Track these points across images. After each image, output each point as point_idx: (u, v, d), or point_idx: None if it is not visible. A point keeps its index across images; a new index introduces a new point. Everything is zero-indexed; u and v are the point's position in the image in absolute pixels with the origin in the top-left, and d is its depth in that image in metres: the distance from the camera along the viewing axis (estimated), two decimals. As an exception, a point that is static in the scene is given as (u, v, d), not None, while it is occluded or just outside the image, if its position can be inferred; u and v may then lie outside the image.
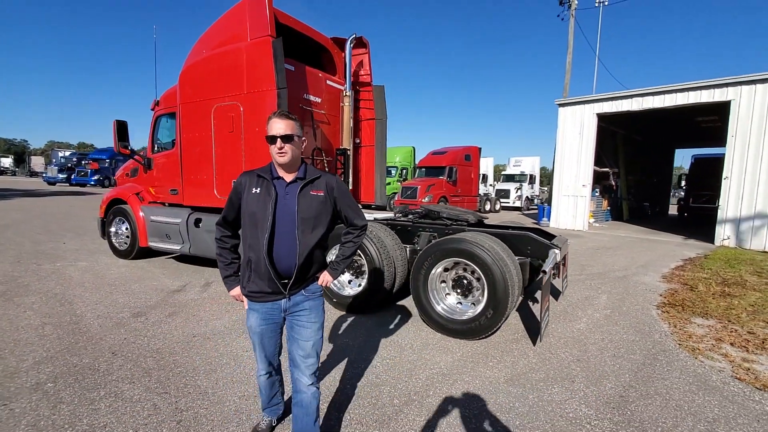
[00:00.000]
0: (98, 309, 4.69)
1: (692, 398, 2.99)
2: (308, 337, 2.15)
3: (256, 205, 2.09)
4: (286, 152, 2.05)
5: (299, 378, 2.15)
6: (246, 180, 2.16)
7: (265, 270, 2.06)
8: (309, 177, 2.13)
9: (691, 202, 19.71)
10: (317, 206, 2.11)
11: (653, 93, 12.50)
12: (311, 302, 2.19)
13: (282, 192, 2.09)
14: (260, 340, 2.23)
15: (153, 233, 6.83)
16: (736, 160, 11.13)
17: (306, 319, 2.16)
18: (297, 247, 2.06)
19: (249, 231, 2.12)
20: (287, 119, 2.07)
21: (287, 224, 2.06)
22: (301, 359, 2.14)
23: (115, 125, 6.63)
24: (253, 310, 2.20)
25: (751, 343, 4.09)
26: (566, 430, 2.57)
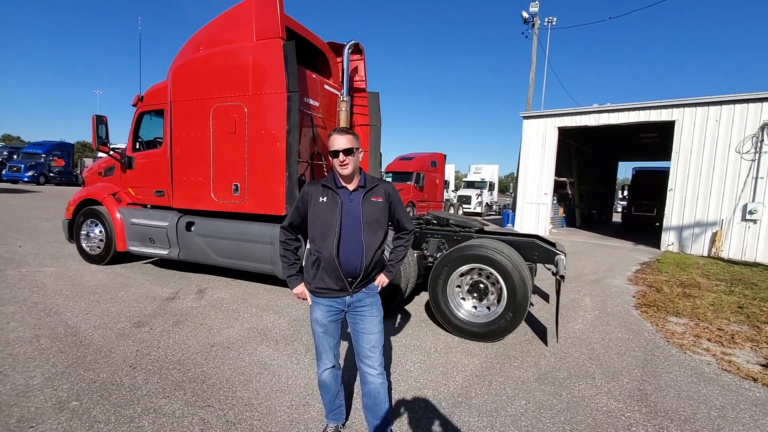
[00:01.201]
0: (91, 319, 4.35)
1: (697, 389, 3.36)
2: (372, 329, 2.33)
3: (325, 213, 2.27)
4: (348, 164, 2.23)
5: (367, 370, 2.33)
6: (312, 190, 2.34)
7: (333, 269, 2.24)
8: (369, 185, 2.31)
9: (633, 211, 21.58)
10: (378, 211, 2.30)
11: (609, 110, 13.61)
12: (371, 299, 2.38)
13: (347, 199, 2.27)
14: (325, 330, 2.38)
15: (133, 237, 6.41)
16: (679, 174, 12.39)
17: (369, 313, 2.34)
18: (363, 249, 2.25)
19: (318, 235, 2.29)
20: (347, 134, 2.26)
21: (353, 228, 2.24)
22: (368, 351, 2.32)
23: (94, 120, 6.17)
24: (319, 304, 2.36)
25: (723, 338, 4.63)
26: (606, 422, 2.80)
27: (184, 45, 6.08)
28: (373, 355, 2.31)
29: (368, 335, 2.32)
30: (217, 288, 5.78)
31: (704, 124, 11.93)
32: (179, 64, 5.80)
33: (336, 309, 2.35)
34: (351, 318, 2.38)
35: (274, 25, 5.12)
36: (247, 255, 5.45)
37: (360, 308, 2.34)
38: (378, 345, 2.33)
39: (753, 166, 11.21)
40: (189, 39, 6.05)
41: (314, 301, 2.37)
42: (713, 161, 11.80)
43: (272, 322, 4.53)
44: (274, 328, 4.35)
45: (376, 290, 2.42)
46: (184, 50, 6.04)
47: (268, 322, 4.51)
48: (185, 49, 6.04)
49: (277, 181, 5.15)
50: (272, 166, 5.17)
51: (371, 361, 2.31)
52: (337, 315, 2.37)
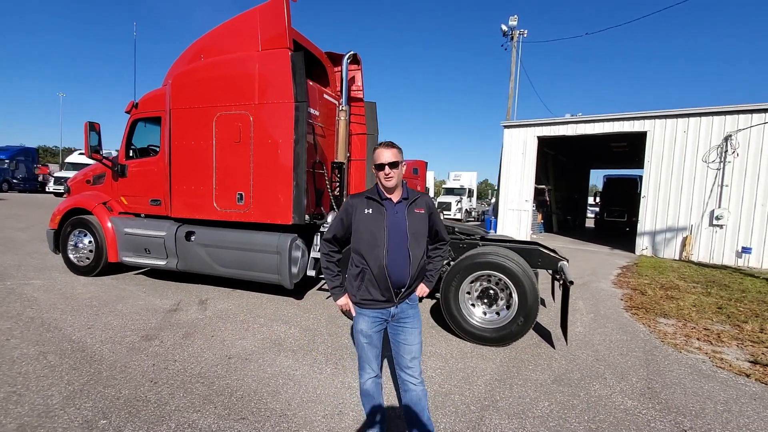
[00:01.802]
0: (95, 333, 4.21)
1: (700, 385, 3.60)
2: (413, 341, 2.39)
3: (371, 224, 2.32)
4: (393, 177, 2.30)
5: (409, 378, 2.38)
6: (356, 202, 2.41)
7: (382, 280, 2.30)
8: (412, 197, 2.39)
9: (605, 217, 22.51)
10: (421, 223, 2.38)
11: (586, 121, 14.25)
12: (413, 310, 2.44)
13: (392, 211, 2.33)
14: (370, 341, 2.41)
15: (127, 247, 6.22)
16: (652, 182, 13.09)
17: (410, 325, 2.40)
18: (410, 259, 2.31)
19: (365, 246, 2.33)
20: (392, 148, 2.34)
21: (399, 240, 2.30)
22: (408, 361, 2.38)
23: (86, 127, 5.98)
24: (363, 315, 2.41)
25: (710, 337, 4.95)
26: (627, 420, 2.96)
27: (183, 53, 6.02)
28: (413, 366, 2.37)
29: (409, 346, 2.38)
30: (218, 299, 5.69)
31: (674, 135, 12.67)
32: (180, 71, 5.72)
33: (380, 320, 2.40)
34: (392, 329, 2.43)
35: (281, 35, 5.15)
36: (252, 264, 5.40)
37: (403, 319, 2.40)
38: (418, 355, 2.40)
39: (718, 174, 11.97)
40: (188, 47, 5.99)
41: (359, 312, 2.42)
42: (682, 170, 12.54)
43: (284, 332, 4.51)
44: (288, 338, 4.33)
45: (417, 301, 2.47)
46: (183, 58, 5.97)
47: (281, 332, 4.48)
48: (184, 57, 5.97)
49: (284, 190, 5.15)
50: (279, 175, 5.16)
51: (412, 371, 2.37)
52: (381, 325, 2.42)
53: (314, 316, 5.09)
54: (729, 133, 11.78)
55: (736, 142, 11.63)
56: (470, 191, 27.29)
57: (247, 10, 5.49)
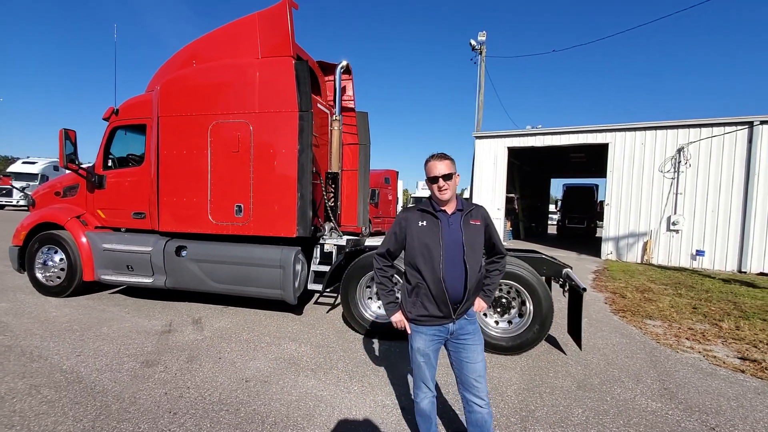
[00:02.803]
0: (87, 361, 3.82)
1: (708, 383, 3.81)
2: (477, 358, 2.30)
3: (426, 237, 2.27)
4: (447, 189, 2.25)
5: (474, 400, 2.29)
6: (409, 215, 2.37)
7: (439, 295, 2.24)
8: (467, 208, 2.33)
9: (567, 223, 23.67)
10: (477, 234, 2.32)
11: (553, 133, 14.96)
12: (472, 326, 2.36)
13: (447, 223, 2.28)
14: (427, 360, 2.35)
15: (106, 264, 5.74)
16: (614, 190, 13.92)
17: (471, 341, 2.32)
18: (466, 273, 2.23)
19: (420, 260, 2.28)
20: (445, 159, 2.29)
21: (455, 252, 2.24)
22: (474, 381, 2.28)
23: (61, 135, 5.49)
24: (420, 333, 2.34)
25: (697, 336, 5.27)
26: (658, 421, 3.07)
27: (171, 58, 5.72)
28: (479, 385, 2.27)
29: (473, 364, 2.29)
30: (212, 317, 5.36)
31: (633, 146, 13.59)
32: (171, 77, 5.41)
33: (438, 337, 2.32)
34: (453, 347, 2.34)
35: (284, 43, 5.01)
36: (251, 280, 5.14)
37: (462, 336, 2.32)
38: (483, 374, 2.30)
39: (673, 183, 12.95)
40: (177, 52, 5.70)
41: (415, 330, 2.35)
42: (641, 179, 13.44)
43: (295, 350, 4.31)
44: (302, 356, 4.14)
45: (475, 317, 2.41)
46: (172, 63, 5.67)
47: (292, 351, 4.28)
48: (173, 62, 5.67)
49: (288, 201, 4.98)
50: (282, 186, 4.99)
51: (478, 390, 2.27)
52: (439, 343, 2.35)
53: (321, 332, 4.92)
54: (681, 145, 12.79)
55: (688, 153, 12.65)
56: (438, 200, 27.77)
57: (245, 16, 5.30)
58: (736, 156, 12.08)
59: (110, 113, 5.90)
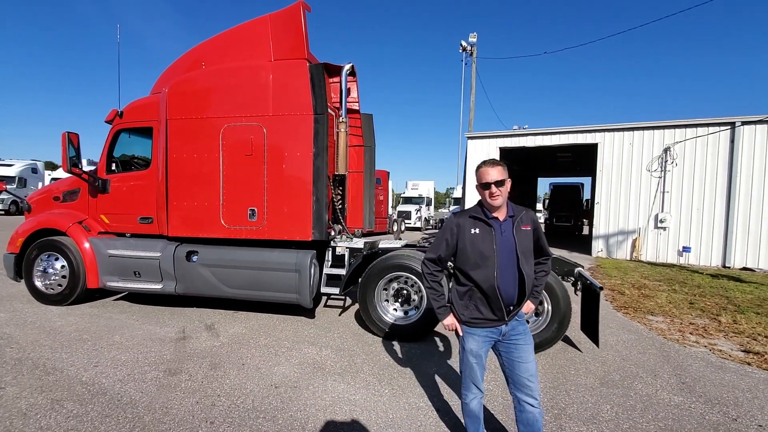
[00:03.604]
0: (108, 372, 3.73)
1: (721, 376, 3.97)
2: (529, 358, 2.34)
3: (480, 244, 2.31)
4: (499, 196, 2.28)
5: (526, 399, 2.33)
6: (462, 222, 2.40)
7: (494, 300, 2.28)
8: (517, 214, 2.36)
9: (554, 222, 24.12)
10: (528, 240, 2.36)
11: (544, 133, 15.24)
12: (523, 326, 2.41)
13: (499, 231, 2.31)
14: (479, 361, 2.40)
15: (112, 271, 5.60)
16: (603, 189, 14.27)
17: (523, 341, 2.37)
18: (521, 277, 2.28)
19: (473, 266, 2.32)
20: (497, 165, 2.32)
21: (509, 258, 2.28)
22: (526, 380, 2.32)
23: (64, 138, 5.32)
24: (473, 335, 2.39)
25: (699, 331, 5.47)
26: (685, 415, 3.19)
27: (178, 60, 5.62)
28: (531, 384, 2.30)
29: (526, 364, 2.32)
30: (225, 322, 5.29)
31: (621, 146, 13.94)
32: (180, 79, 5.31)
33: (490, 339, 2.38)
34: (504, 348, 2.39)
35: (298, 45, 4.98)
36: (266, 284, 5.09)
37: (514, 336, 2.37)
38: (536, 373, 2.34)
39: (660, 182, 13.34)
40: (185, 53, 5.61)
41: (468, 332, 2.39)
42: (630, 178, 13.81)
43: (317, 354, 4.30)
44: (325, 360, 4.13)
45: (524, 318, 2.46)
46: (179, 65, 5.58)
47: (314, 355, 4.27)
48: (180, 64, 5.58)
49: (304, 205, 4.95)
50: (297, 189, 4.96)
51: (530, 390, 2.30)
52: (489, 344, 2.41)
53: (339, 335, 4.91)
54: (668, 145, 13.19)
55: (674, 152, 13.06)
56: (428, 200, 27.92)
57: (256, 18, 5.25)
58: (719, 155, 12.53)
59: (114, 115, 5.75)
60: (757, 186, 12.03)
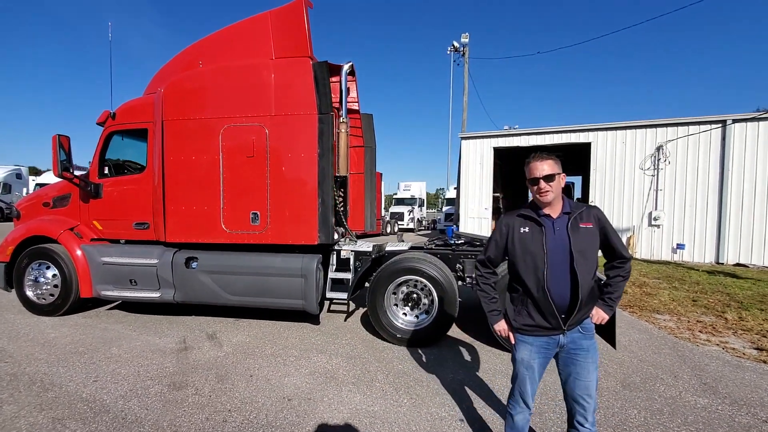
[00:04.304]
0: (108, 387, 3.52)
1: (741, 375, 3.91)
2: (588, 377, 2.15)
3: (529, 244, 2.16)
4: (549, 191, 2.11)
5: (578, 417, 2.19)
6: (511, 221, 2.25)
7: (545, 305, 2.12)
8: (575, 210, 2.15)
9: (547, 221, 24.26)
10: (588, 239, 2.12)
11: (537, 133, 15.28)
12: (588, 341, 2.18)
13: (551, 229, 2.14)
14: (531, 374, 2.23)
15: (106, 279, 5.36)
16: (597, 187, 14.34)
17: (583, 358, 2.15)
18: (576, 282, 2.07)
19: (523, 268, 2.17)
20: (546, 159, 2.15)
21: (562, 259, 2.09)
22: (584, 399, 2.17)
23: (55, 141, 5.07)
24: (525, 343, 2.23)
25: (708, 329, 5.44)
26: (713, 418, 3.11)
27: (174, 58, 5.42)
28: (586, 404, 2.15)
29: (582, 381, 2.14)
30: (227, 331, 5.08)
31: (614, 145, 14.04)
32: (176, 79, 5.10)
33: (546, 350, 2.19)
34: (562, 360, 2.21)
35: (301, 43, 4.82)
36: (270, 291, 4.91)
37: (574, 350, 2.16)
38: (593, 392, 2.16)
39: (653, 180, 13.46)
40: (181, 52, 5.40)
41: (520, 340, 2.24)
42: (623, 177, 13.91)
43: (328, 363, 4.14)
44: (337, 369, 3.97)
45: (593, 331, 2.21)
46: (175, 64, 5.37)
47: (324, 364, 4.10)
48: (176, 63, 5.37)
49: (309, 208, 4.79)
50: (302, 191, 4.80)
51: (583, 410, 2.16)
52: (545, 356, 2.21)
53: (348, 342, 4.76)
54: (660, 143, 13.32)
55: (667, 151, 13.18)
56: (421, 201, 27.88)
57: (256, 16, 5.08)
58: (711, 153, 12.68)
59: (106, 117, 5.52)
60: (749, 183, 12.20)
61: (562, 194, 2.20)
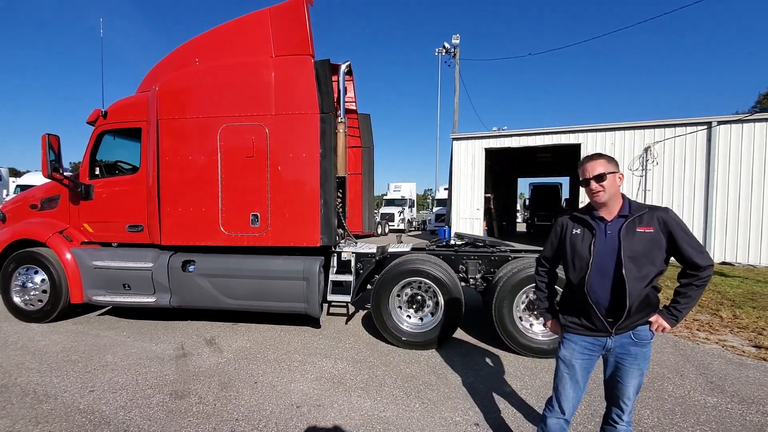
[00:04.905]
0: (106, 397, 3.37)
1: (744, 373, 3.96)
2: (628, 382, 2.11)
3: (578, 245, 2.13)
4: (601, 192, 2.04)
5: (614, 417, 2.22)
6: (565, 221, 2.24)
7: (585, 305, 2.09)
8: (634, 213, 2.04)
9: (536, 221, 24.52)
10: (645, 244, 1.99)
11: (528, 134, 15.41)
12: (639, 348, 2.08)
13: (602, 232, 2.06)
14: (571, 374, 2.19)
15: (98, 284, 5.17)
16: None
17: (629, 364, 2.09)
18: (622, 286, 1.97)
19: (570, 268, 2.18)
20: (597, 159, 2.09)
21: (609, 263, 2.01)
22: (623, 402, 2.16)
23: (45, 141, 4.87)
24: (570, 341, 2.21)
25: (705, 327, 5.52)
26: (724, 417, 3.12)
27: (169, 55, 5.27)
28: (625, 406, 2.16)
29: (624, 386, 2.11)
30: (225, 336, 4.95)
31: (604, 146, 14.21)
32: (172, 76, 4.95)
33: (590, 352, 2.13)
34: (609, 362, 2.16)
35: (302, 41, 4.73)
36: (272, 294, 4.80)
37: (621, 355, 2.09)
38: (633, 396, 2.15)
39: (642, 180, 13.69)
40: (176, 49, 5.25)
41: (565, 337, 2.23)
42: (613, 177, 14.11)
43: (333, 367, 4.05)
44: (344, 374, 3.89)
45: (648, 339, 2.10)
46: (170, 62, 5.21)
47: (330, 369, 4.01)
48: (171, 60, 5.22)
49: (311, 209, 4.69)
50: (304, 192, 4.70)
51: (620, 411, 2.17)
52: (589, 358, 2.15)
53: (351, 346, 4.67)
54: (648, 144, 13.56)
55: (654, 152, 13.43)
56: (411, 202, 27.89)
57: (254, 13, 4.97)
58: (697, 154, 12.95)
59: (97, 116, 5.33)
60: (733, 183, 12.49)
61: (623, 195, 2.12)
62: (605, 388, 2.25)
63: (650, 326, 2.08)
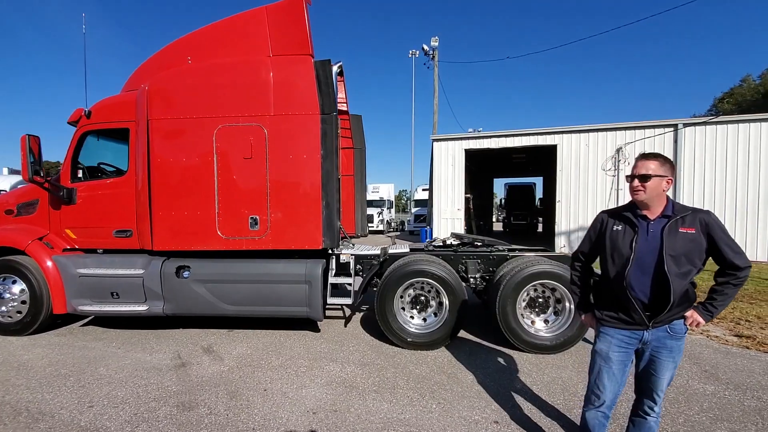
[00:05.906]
0: (108, 412, 3.20)
1: (733, 361, 4.18)
2: (662, 374, 2.18)
3: (618, 242, 2.19)
4: (641, 190, 2.09)
5: (645, 408, 2.28)
6: (607, 217, 2.30)
7: (624, 299, 2.15)
8: (677, 214, 2.09)
9: (512, 220, 25.11)
10: (687, 244, 2.05)
11: (506, 135, 15.76)
12: (674, 342, 2.15)
13: (644, 230, 2.12)
14: (608, 367, 2.25)
15: (83, 293, 4.90)
16: (563, 188, 15.00)
17: (665, 356, 2.16)
18: (665, 282, 2.03)
19: (609, 263, 2.22)
20: (650, 159, 2.12)
21: (649, 260, 2.07)
22: (655, 394, 2.24)
23: (25, 142, 4.56)
24: (606, 334, 2.27)
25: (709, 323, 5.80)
26: (725, 404, 3.29)
27: (159, 53, 5.07)
28: (656, 397, 2.23)
29: (658, 378, 2.18)
30: (223, 343, 4.79)
31: (578, 147, 14.75)
32: (163, 75, 4.76)
33: (627, 345, 2.20)
34: (644, 355, 2.22)
35: (302, 41, 4.65)
36: (273, 299, 4.69)
37: (657, 349, 2.15)
38: (664, 389, 2.22)
39: (614, 180, 14.27)
40: (166, 47, 5.06)
41: (600, 330, 2.28)
42: (587, 177, 14.63)
43: (342, 371, 3.99)
44: (354, 378, 3.84)
45: (683, 333, 2.16)
46: (160, 60, 5.02)
47: (338, 373, 3.96)
48: (161, 58, 5.02)
49: (312, 211, 4.62)
50: (305, 194, 4.62)
51: (652, 403, 2.24)
52: (625, 351, 2.21)
53: (356, 348, 4.63)
54: (620, 145, 14.15)
55: (626, 153, 14.01)
56: (390, 203, 27.94)
57: (249, 11, 4.85)
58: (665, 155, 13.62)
59: (79, 116, 5.05)
60: (698, 182, 13.22)
61: (668, 197, 2.17)
62: (636, 381, 2.32)
63: (685, 321, 2.15)
